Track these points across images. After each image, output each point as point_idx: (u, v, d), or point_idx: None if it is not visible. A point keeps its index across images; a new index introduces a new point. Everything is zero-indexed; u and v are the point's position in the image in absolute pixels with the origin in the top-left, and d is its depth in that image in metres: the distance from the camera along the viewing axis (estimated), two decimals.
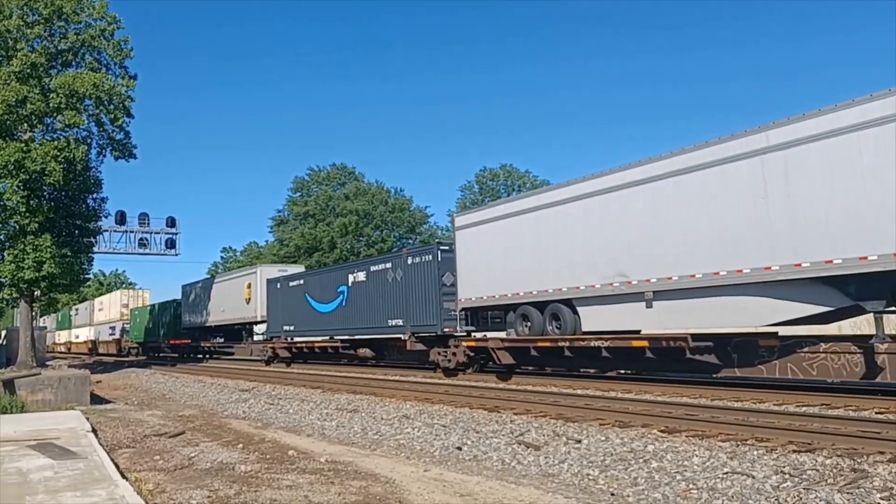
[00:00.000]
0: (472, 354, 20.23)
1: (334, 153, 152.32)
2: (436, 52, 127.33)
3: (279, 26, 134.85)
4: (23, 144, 26.24)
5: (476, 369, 20.77)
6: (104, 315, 61.24)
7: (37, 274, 26.90)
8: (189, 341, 43.04)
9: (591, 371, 18.36)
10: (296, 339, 30.60)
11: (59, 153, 26.18)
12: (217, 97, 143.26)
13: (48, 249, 26.75)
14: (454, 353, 20.58)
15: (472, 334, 20.55)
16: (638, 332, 15.42)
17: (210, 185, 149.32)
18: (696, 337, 13.95)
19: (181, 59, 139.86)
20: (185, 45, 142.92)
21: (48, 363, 33.61)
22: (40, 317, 71.60)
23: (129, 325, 53.98)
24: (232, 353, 43.30)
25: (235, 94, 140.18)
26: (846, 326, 14.77)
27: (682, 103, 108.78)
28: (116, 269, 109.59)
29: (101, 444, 10.12)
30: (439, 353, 21.17)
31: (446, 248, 21.61)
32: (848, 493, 6.48)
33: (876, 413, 10.66)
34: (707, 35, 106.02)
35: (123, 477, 7.74)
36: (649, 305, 14.54)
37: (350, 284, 26.06)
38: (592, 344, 15.94)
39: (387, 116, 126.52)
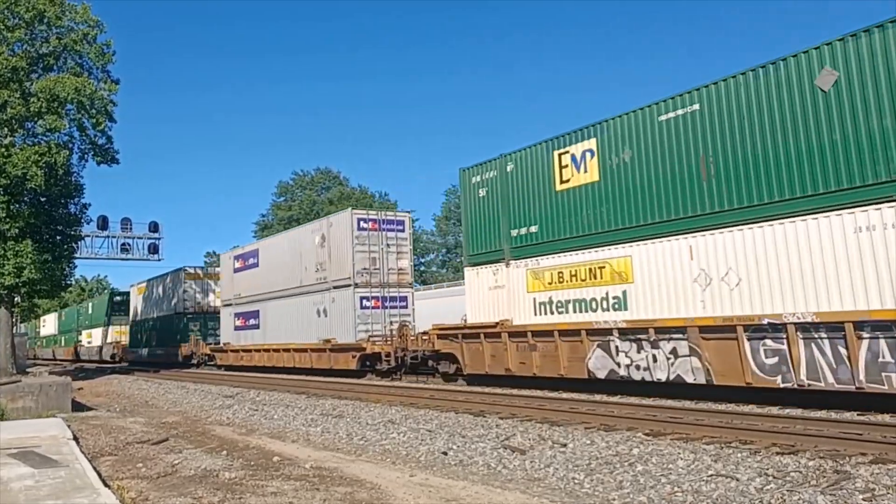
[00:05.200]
0: None
1: (319, 156, 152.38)
2: (420, 53, 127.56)
3: (263, 27, 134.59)
4: (3, 149, 25.94)
5: None
6: None
7: (17, 280, 26.60)
8: None
9: None
10: None
11: (40, 158, 25.85)
12: (200, 99, 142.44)
13: (29, 255, 26.45)
14: None
15: None
16: None
17: (193, 190, 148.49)
18: None
19: (164, 60, 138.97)
20: (168, 46, 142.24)
21: (28, 370, 33.20)
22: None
23: None
24: None
25: (219, 97, 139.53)
26: None
27: None
28: (98, 275, 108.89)
29: (82, 452, 9.99)
30: None
31: None
32: (831, 494, 6.54)
33: (857, 415, 10.79)
34: (696, 33, 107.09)
35: (106, 485, 7.65)
36: None
37: None
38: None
39: (371, 119, 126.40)
